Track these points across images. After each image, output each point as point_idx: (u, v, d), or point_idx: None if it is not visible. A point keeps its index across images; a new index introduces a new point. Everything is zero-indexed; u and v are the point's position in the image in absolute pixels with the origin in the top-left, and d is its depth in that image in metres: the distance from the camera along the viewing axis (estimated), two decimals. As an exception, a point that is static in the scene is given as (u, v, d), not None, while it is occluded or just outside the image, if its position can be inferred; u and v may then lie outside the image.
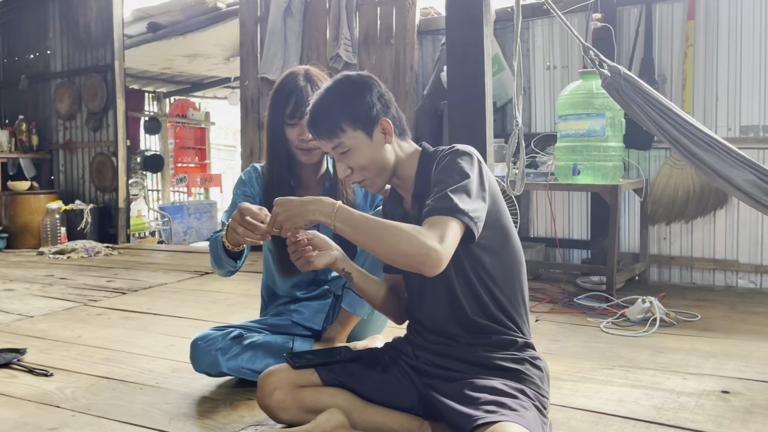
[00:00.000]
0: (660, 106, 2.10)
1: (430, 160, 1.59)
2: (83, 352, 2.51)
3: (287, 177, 2.02)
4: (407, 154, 1.62)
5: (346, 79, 1.59)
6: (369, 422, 1.64)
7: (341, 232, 1.42)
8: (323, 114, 1.55)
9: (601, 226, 3.83)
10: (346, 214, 1.43)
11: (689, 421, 1.76)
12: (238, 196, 2.05)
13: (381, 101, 1.57)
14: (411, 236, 1.37)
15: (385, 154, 1.57)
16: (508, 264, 1.60)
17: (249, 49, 5.22)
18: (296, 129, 1.95)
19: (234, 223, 1.59)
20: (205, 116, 10.05)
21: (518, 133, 2.22)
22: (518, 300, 1.62)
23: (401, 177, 1.63)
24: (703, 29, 3.59)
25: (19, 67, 6.66)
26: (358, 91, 1.55)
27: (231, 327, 2.06)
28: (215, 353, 1.97)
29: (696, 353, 2.38)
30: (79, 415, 1.87)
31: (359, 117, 1.53)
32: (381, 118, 1.56)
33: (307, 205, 1.44)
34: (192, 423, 1.80)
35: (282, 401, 1.65)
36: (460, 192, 1.44)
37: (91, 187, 6.22)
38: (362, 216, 1.43)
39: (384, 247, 1.39)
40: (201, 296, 3.57)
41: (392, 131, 1.58)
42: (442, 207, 1.42)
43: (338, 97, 1.55)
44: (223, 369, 1.98)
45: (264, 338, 2.01)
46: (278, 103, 1.98)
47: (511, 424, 1.32)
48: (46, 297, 3.59)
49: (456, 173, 1.48)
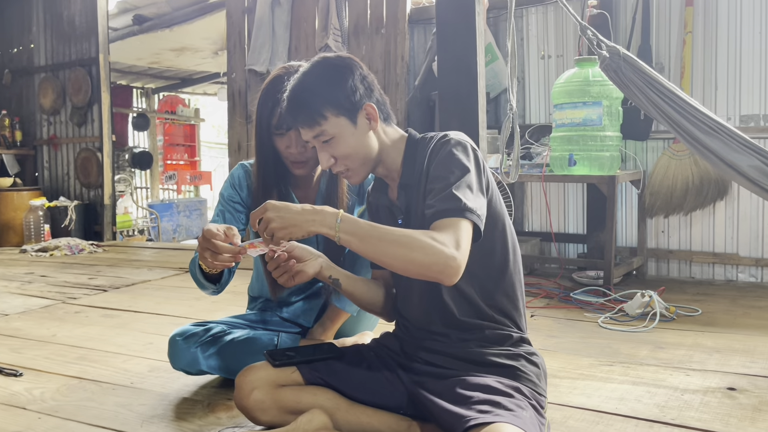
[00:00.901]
0: (661, 88, 2.00)
1: (417, 147, 1.49)
2: (57, 351, 2.39)
3: (276, 181, 1.83)
4: (393, 141, 1.51)
5: (325, 62, 1.47)
6: (354, 423, 1.53)
7: (346, 243, 1.30)
8: (302, 101, 1.43)
9: (598, 220, 3.73)
10: (351, 223, 1.31)
11: (695, 420, 1.65)
12: (224, 203, 1.89)
13: (364, 84, 1.46)
14: (426, 245, 1.25)
15: (370, 141, 1.47)
16: (504, 255, 1.49)
17: (236, 41, 5.09)
18: (284, 139, 1.75)
19: (200, 249, 1.43)
20: (195, 113, 9.90)
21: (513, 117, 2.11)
22: (515, 292, 1.52)
23: (386, 165, 1.52)
24: (702, 16, 3.49)
25: (2, 61, 6.51)
26: (340, 74, 1.44)
27: (213, 323, 1.94)
28: (195, 350, 1.85)
29: (699, 349, 2.28)
30: (45, 417, 1.75)
31: (342, 102, 1.42)
32: (365, 102, 1.45)
33: (307, 216, 1.31)
34: (165, 425, 1.68)
35: (261, 402, 1.54)
36: (464, 188, 1.34)
37: (76, 184, 6.08)
38: (369, 225, 1.32)
39: (396, 258, 1.28)
40: (185, 293, 3.45)
41: (377, 116, 1.47)
42: (450, 208, 1.31)
43: (318, 82, 1.43)
44: (202, 367, 1.85)
45: (248, 334, 1.89)
46: (263, 110, 1.76)
47: (506, 425, 1.22)
48: (24, 295, 3.46)
49: (455, 167, 1.37)
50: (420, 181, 1.46)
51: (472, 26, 1.95)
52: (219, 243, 1.40)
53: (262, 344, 1.86)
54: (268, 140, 1.78)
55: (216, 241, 1.40)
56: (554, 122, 3.37)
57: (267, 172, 1.81)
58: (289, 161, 1.79)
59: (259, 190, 1.82)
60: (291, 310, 1.97)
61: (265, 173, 1.81)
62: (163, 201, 8.92)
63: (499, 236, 1.48)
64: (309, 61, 1.51)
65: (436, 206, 1.33)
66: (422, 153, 1.47)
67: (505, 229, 1.50)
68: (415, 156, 1.49)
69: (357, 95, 1.44)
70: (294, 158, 1.76)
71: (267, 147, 1.79)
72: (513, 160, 2.16)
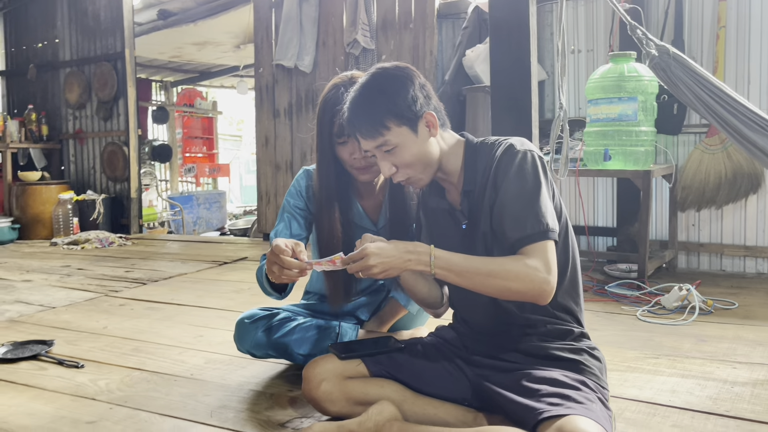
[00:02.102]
0: (710, 86, 2.03)
1: (477, 153, 1.53)
2: (111, 343, 2.46)
3: (338, 193, 1.84)
4: (450, 146, 1.55)
5: (385, 73, 1.50)
6: (421, 414, 1.58)
7: (443, 277, 1.42)
8: (364, 112, 1.47)
9: (628, 213, 3.76)
10: (445, 260, 1.40)
11: (748, 412, 1.70)
12: (290, 210, 1.91)
13: (423, 93, 1.49)
14: (521, 274, 1.36)
15: (431, 148, 1.50)
16: (566, 252, 1.53)
17: (264, 36, 5.13)
18: (347, 147, 1.76)
19: (269, 263, 1.52)
20: (213, 105, 9.96)
21: (562, 115, 2.15)
22: (576, 288, 1.56)
23: (445, 170, 1.55)
24: (735, 10, 3.50)
25: (27, 56, 6.57)
26: (400, 84, 1.47)
27: (278, 309, 1.99)
28: (262, 333, 1.91)
29: (741, 341, 2.32)
30: (116, 408, 1.81)
31: (403, 112, 1.46)
32: (425, 111, 1.48)
33: (403, 256, 1.40)
34: (234, 415, 1.74)
35: (329, 393, 1.60)
36: (542, 207, 1.41)
37: (102, 177, 6.15)
38: (462, 258, 1.41)
39: (494, 289, 1.39)
40: (223, 286, 3.51)
41: (437, 124, 1.50)
42: (535, 233, 1.39)
43: (379, 93, 1.47)
44: (269, 350, 1.91)
45: (311, 321, 1.95)
46: (323, 123, 1.79)
47: (581, 418, 1.26)
48: (66, 288, 3.54)
49: (528, 182, 1.43)
50: (485, 189, 1.49)
51: (526, 23, 1.98)
52: (287, 259, 1.47)
53: (324, 331, 1.92)
54: (330, 150, 1.79)
55: (284, 257, 1.47)
56: (588, 117, 3.39)
57: (330, 183, 1.82)
58: (353, 168, 1.79)
59: (322, 201, 1.83)
60: (352, 303, 2.02)
61: (328, 184, 1.82)
62: (182, 193, 8.99)
63: (562, 234, 1.52)
64: (367, 72, 1.54)
65: (521, 232, 1.40)
66: (484, 160, 1.51)
67: (566, 227, 1.54)
68: (476, 161, 1.52)
69: (417, 105, 1.47)
70: (359, 164, 1.77)
71: (329, 157, 1.81)
72: (562, 158, 2.20)
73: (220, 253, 4.72)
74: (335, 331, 1.91)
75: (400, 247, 1.41)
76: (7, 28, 6.72)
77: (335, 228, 1.81)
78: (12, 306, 3.12)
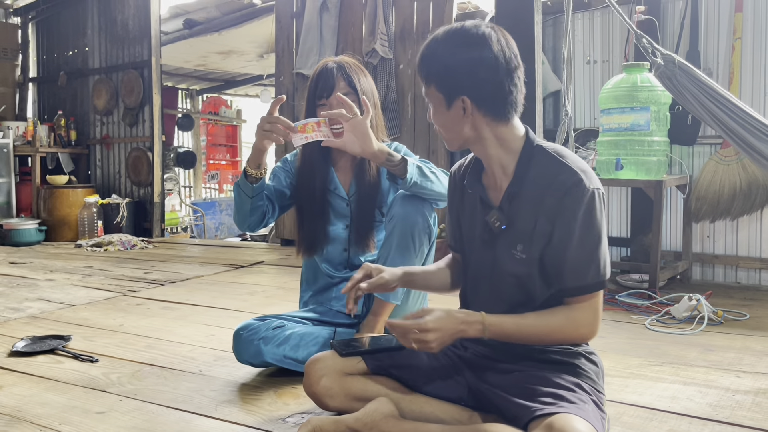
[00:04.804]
0: (716, 95, 2.04)
1: (533, 156, 1.49)
2: (126, 339, 2.53)
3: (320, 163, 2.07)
4: (502, 140, 1.49)
5: (470, 41, 1.43)
6: (417, 412, 1.61)
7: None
8: (428, 57, 1.49)
9: (642, 224, 3.75)
10: (497, 326, 1.44)
11: (747, 419, 1.70)
12: (275, 171, 2.17)
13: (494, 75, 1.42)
14: (572, 335, 1.45)
15: (460, 127, 1.48)
16: None
17: (284, 45, 5.23)
18: (325, 108, 1.95)
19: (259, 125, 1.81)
20: (237, 114, 10.13)
21: (567, 122, 2.18)
22: None
23: (490, 160, 1.52)
24: (752, 21, 3.49)
25: (57, 63, 6.78)
26: (471, 61, 1.42)
27: (272, 317, 2.06)
28: (258, 342, 1.97)
29: (748, 352, 2.31)
30: (126, 400, 1.88)
31: (446, 82, 1.45)
32: (462, 95, 1.45)
33: (458, 327, 1.43)
34: (238, 409, 1.79)
35: (329, 388, 1.64)
36: (603, 256, 1.44)
37: (127, 182, 6.30)
38: (513, 325, 1.45)
39: (543, 344, 1.49)
40: (238, 288, 3.58)
41: (470, 110, 1.46)
42: (593, 284, 1.43)
43: (449, 56, 1.43)
44: (266, 358, 1.97)
45: (306, 329, 2.01)
46: (310, 90, 2.04)
47: (572, 416, 1.28)
48: (87, 287, 3.64)
49: (595, 228, 1.42)
50: (535, 203, 1.45)
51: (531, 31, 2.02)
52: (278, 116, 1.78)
53: (321, 338, 1.98)
54: (314, 114, 1.97)
55: (274, 114, 1.79)
56: (601, 127, 3.40)
57: (313, 146, 1.97)
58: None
59: (304, 168, 2.05)
60: (341, 302, 2.08)
61: (311, 148, 1.99)
62: (205, 200, 9.14)
63: None
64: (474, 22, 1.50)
65: (580, 281, 1.43)
66: (538, 168, 1.47)
67: None
68: (529, 165, 1.48)
69: (464, 83, 1.43)
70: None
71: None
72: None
73: (238, 257, 4.80)
74: (331, 337, 1.97)
75: (455, 320, 1.43)
76: (40, 37, 6.95)
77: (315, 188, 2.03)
78: (34, 303, 3.22)
